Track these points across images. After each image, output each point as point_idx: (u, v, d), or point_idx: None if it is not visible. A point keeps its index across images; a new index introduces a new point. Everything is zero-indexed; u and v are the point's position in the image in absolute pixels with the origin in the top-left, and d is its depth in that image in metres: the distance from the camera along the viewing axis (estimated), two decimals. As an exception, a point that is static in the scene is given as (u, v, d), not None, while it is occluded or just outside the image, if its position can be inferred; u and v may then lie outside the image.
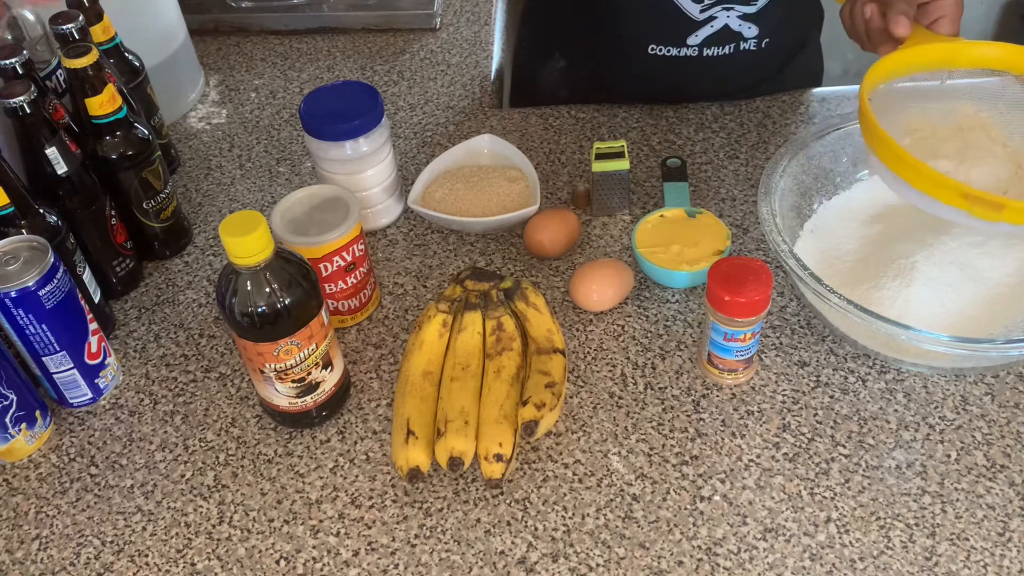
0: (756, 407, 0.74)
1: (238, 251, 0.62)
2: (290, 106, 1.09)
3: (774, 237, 0.74)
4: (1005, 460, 0.69)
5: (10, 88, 0.72)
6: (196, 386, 0.79)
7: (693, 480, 0.69)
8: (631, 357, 0.78)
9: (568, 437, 0.72)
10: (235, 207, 0.96)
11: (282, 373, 0.68)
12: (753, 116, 1.01)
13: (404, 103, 1.08)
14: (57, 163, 0.75)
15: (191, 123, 1.08)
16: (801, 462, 0.70)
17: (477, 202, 0.88)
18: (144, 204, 0.85)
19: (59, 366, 0.73)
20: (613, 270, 0.80)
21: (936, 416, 0.72)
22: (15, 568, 0.67)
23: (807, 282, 0.71)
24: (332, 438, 0.74)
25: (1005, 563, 0.63)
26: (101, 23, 0.88)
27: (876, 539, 0.65)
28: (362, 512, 0.69)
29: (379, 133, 0.85)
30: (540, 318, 0.75)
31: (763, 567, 0.64)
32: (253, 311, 0.64)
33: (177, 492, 0.71)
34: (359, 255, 0.78)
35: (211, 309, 0.85)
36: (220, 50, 1.20)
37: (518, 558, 0.65)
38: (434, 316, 0.75)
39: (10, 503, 0.71)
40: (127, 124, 0.81)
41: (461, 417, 0.68)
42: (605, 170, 0.87)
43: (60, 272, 0.70)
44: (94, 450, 0.74)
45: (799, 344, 0.78)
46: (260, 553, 0.67)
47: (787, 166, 0.80)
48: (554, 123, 1.03)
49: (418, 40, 1.19)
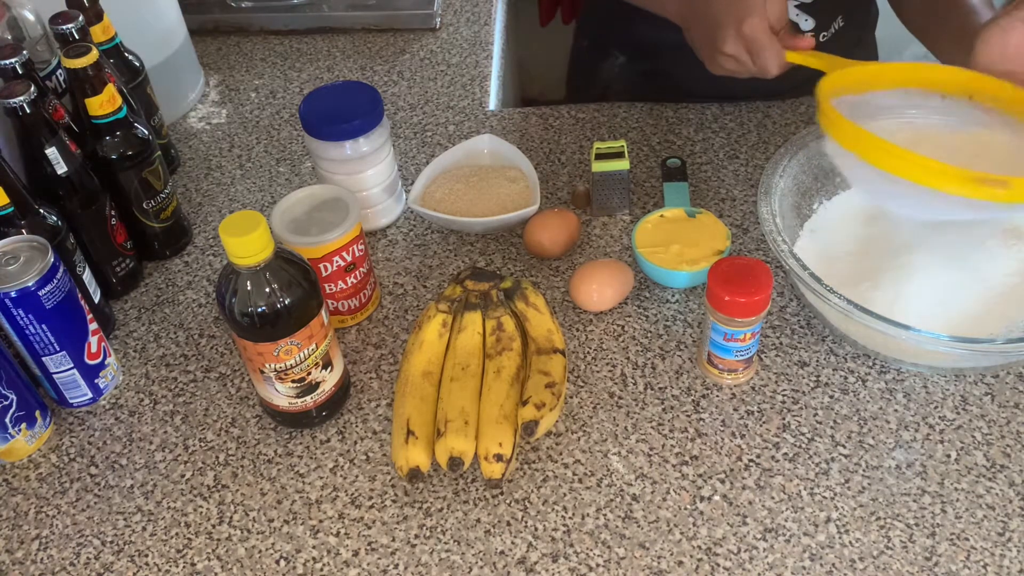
0: (756, 407, 0.74)
1: (238, 251, 0.62)
2: (290, 106, 1.09)
3: (774, 237, 0.74)
4: (1005, 460, 0.69)
5: (10, 88, 0.72)
6: (196, 386, 0.79)
7: (693, 480, 0.69)
8: (631, 357, 0.78)
9: (568, 437, 0.72)
10: (235, 207, 0.96)
11: (282, 373, 0.68)
12: (753, 116, 1.01)
13: (404, 103, 1.08)
14: (57, 163, 0.75)
15: (191, 123, 1.08)
16: (801, 462, 0.70)
17: (477, 202, 0.88)
18: (144, 204, 0.85)
19: (59, 366, 0.73)
20: (613, 270, 0.80)
21: (936, 416, 0.72)
22: (15, 568, 0.67)
23: (807, 282, 0.71)
24: (332, 438, 0.74)
25: (1005, 563, 0.63)
26: (101, 23, 0.88)
27: (876, 539, 0.65)
28: (362, 512, 0.69)
29: (379, 133, 0.85)
30: (540, 318, 0.75)
31: (763, 567, 0.64)
32: (253, 311, 0.64)
33: (177, 492, 0.71)
34: (359, 255, 0.78)
35: (211, 309, 0.85)
36: (220, 50, 1.20)
37: (518, 558, 0.65)
38: (434, 316, 0.75)
39: (10, 503, 0.71)
40: (127, 124, 0.81)
41: (461, 417, 0.68)
42: (605, 170, 0.87)
43: (60, 272, 0.70)
44: (94, 450, 0.74)
45: (799, 344, 0.78)
46: (260, 553, 0.67)
47: (787, 166, 0.80)
48: (554, 123, 1.03)
49: (418, 40, 1.19)
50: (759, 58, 0.78)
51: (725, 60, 0.81)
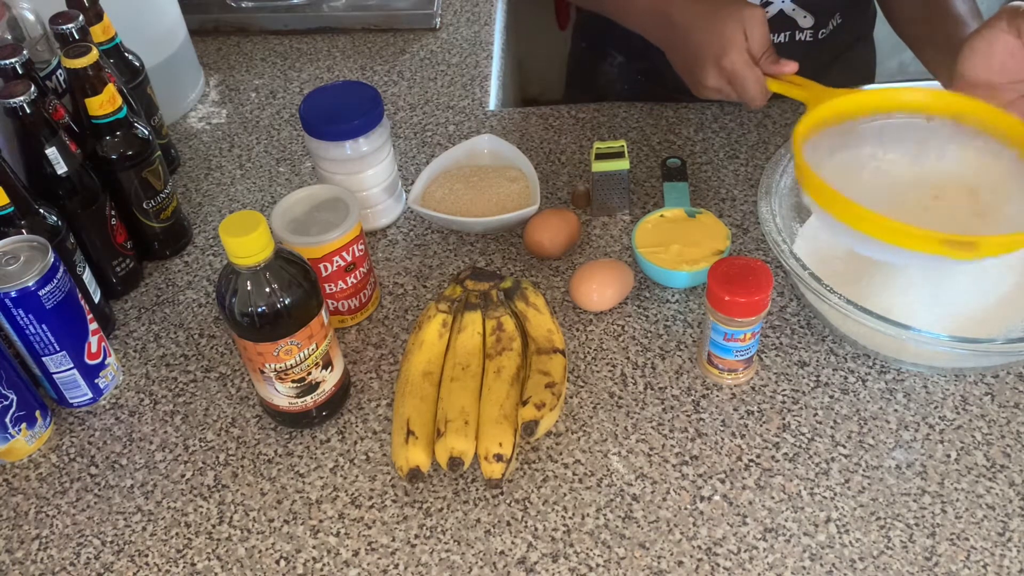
0: (756, 407, 0.74)
1: (238, 251, 0.62)
2: (290, 106, 1.09)
3: (774, 237, 0.74)
4: (1005, 460, 0.69)
5: (10, 88, 0.72)
6: (196, 386, 0.79)
7: (693, 480, 0.69)
8: (631, 357, 0.78)
9: (568, 437, 0.72)
10: (235, 207, 0.96)
11: (282, 373, 0.68)
12: (753, 116, 1.01)
13: (404, 103, 1.08)
14: (57, 163, 0.75)
15: (191, 123, 1.08)
16: (801, 462, 0.70)
17: (477, 202, 0.88)
18: (144, 204, 0.85)
19: (59, 366, 0.73)
20: (613, 270, 0.80)
21: (936, 416, 0.72)
22: (15, 568, 0.67)
23: (807, 282, 0.71)
24: (332, 438, 0.74)
25: (1005, 563, 0.63)
26: (101, 23, 0.88)
27: (876, 539, 0.65)
28: (362, 512, 0.69)
29: (379, 133, 0.85)
30: (540, 318, 0.75)
31: (763, 567, 0.64)
32: (253, 311, 0.64)
33: (177, 492, 0.71)
34: (359, 255, 0.78)
35: (211, 309, 0.85)
36: (220, 50, 1.20)
37: (518, 558, 0.65)
38: (434, 316, 0.75)
39: (10, 503, 0.71)
40: (127, 124, 0.81)
41: (461, 417, 0.68)
42: (605, 170, 0.87)
43: (60, 272, 0.70)
44: (94, 450, 0.74)
45: (799, 344, 0.78)
46: (260, 553, 0.67)
47: (787, 166, 0.80)
48: (554, 123, 1.03)
49: (418, 40, 1.19)
50: (742, 92, 0.79)
51: (708, 92, 0.82)
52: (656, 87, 1.06)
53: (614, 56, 1.12)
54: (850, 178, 0.72)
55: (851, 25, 1.05)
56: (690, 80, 0.83)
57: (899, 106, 0.76)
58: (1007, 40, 0.70)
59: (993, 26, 0.70)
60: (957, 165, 0.73)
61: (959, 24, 0.84)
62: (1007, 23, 0.69)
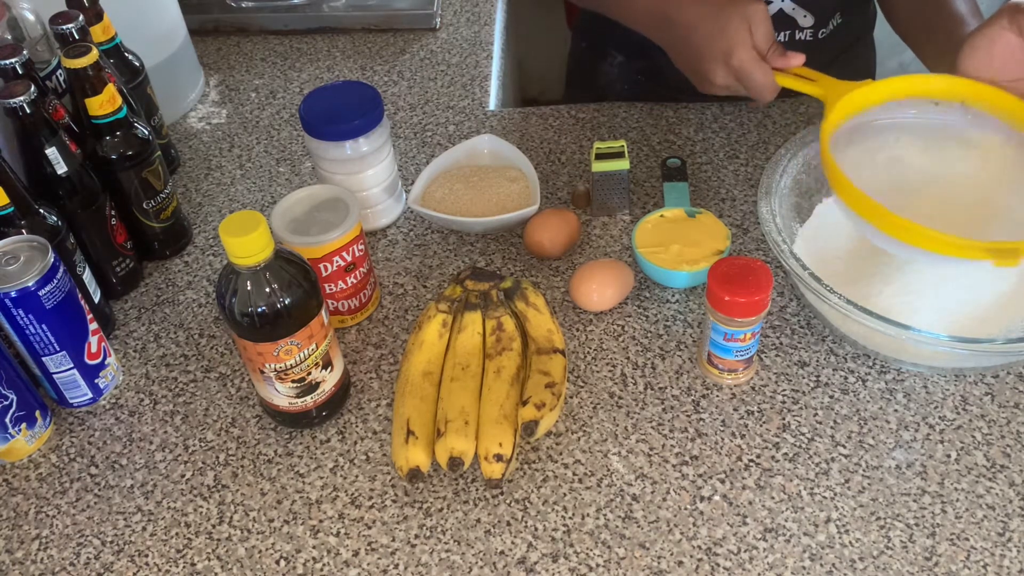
0: (756, 407, 0.74)
1: (238, 251, 0.62)
2: (290, 106, 1.09)
3: (774, 237, 0.74)
4: (1005, 460, 0.69)
5: (10, 88, 0.72)
6: (196, 386, 0.79)
7: (693, 480, 0.69)
8: (631, 357, 0.78)
9: (568, 437, 0.72)
10: (235, 207, 0.96)
11: (282, 373, 0.68)
12: (753, 116, 1.01)
13: (404, 103, 1.08)
14: (57, 163, 0.75)
15: (191, 123, 1.08)
16: (801, 462, 0.70)
17: (477, 202, 0.88)
18: (144, 204, 0.85)
19: (59, 366, 0.73)
20: (613, 270, 0.80)
21: (936, 416, 0.72)
22: (15, 568, 0.67)
23: (807, 282, 0.71)
24: (332, 438, 0.74)
25: (1005, 563, 0.63)
26: (101, 23, 0.88)
27: (876, 539, 0.65)
28: (362, 512, 0.69)
29: (379, 133, 0.85)
30: (540, 318, 0.75)
31: (763, 567, 0.64)
32: (253, 311, 0.64)
33: (177, 492, 0.71)
34: (359, 255, 0.78)
35: (211, 309, 0.85)
36: (220, 50, 1.20)
37: (518, 558, 0.65)
38: (434, 316, 0.75)
39: (10, 503, 0.71)
40: (127, 124, 0.81)
41: (461, 417, 0.68)
42: (605, 170, 0.87)
43: (60, 272, 0.70)
44: (94, 450, 0.74)
45: (799, 344, 0.78)
46: (260, 553, 0.67)
47: (787, 166, 0.80)
48: (554, 123, 1.03)
49: (418, 40, 1.19)
50: (752, 88, 0.79)
51: (717, 89, 0.81)
52: (656, 87, 1.06)
53: (614, 56, 1.12)
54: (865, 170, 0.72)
55: (851, 25, 1.05)
56: (696, 79, 0.83)
57: (917, 93, 0.76)
58: (1008, 38, 0.70)
59: (994, 24, 0.70)
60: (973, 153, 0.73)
61: (959, 22, 0.84)
62: (1008, 21, 0.69)
